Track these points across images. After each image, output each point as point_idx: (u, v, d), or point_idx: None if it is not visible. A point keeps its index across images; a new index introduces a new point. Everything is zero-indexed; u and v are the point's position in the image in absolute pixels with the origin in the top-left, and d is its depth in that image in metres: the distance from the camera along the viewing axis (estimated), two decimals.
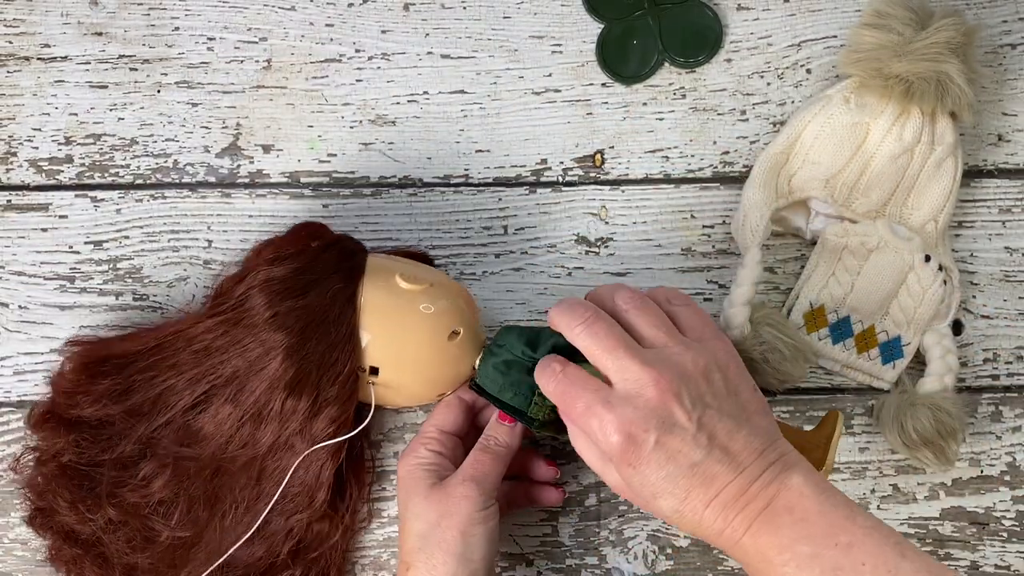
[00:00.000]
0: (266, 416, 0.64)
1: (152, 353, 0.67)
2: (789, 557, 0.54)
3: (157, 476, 0.66)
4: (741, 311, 0.69)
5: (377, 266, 0.67)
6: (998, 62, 0.77)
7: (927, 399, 0.69)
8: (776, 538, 0.55)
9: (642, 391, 0.56)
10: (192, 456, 0.66)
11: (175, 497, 0.66)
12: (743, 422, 0.57)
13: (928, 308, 0.71)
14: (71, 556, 0.67)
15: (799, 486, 0.56)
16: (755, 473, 0.56)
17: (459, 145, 0.76)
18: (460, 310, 0.66)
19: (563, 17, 0.77)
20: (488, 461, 0.64)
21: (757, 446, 0.56)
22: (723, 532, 0.56)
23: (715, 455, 0.56)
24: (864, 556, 0.53)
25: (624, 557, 0.72)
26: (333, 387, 0.64)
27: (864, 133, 0.71)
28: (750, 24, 0.77)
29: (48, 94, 0.76)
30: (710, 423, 0.56)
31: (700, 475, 0.56)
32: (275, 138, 0.76)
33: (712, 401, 0.57)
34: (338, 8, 0.77)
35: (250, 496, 0.66)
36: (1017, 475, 0.72)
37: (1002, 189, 0.76)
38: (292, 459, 0.65)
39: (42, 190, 0.75)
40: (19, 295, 0.74)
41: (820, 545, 0.54)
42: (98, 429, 0.67)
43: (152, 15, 0.77)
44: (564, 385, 0.59)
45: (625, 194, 0.75)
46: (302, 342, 0.64)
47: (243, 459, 0.65)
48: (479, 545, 0.62)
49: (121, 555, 0.66)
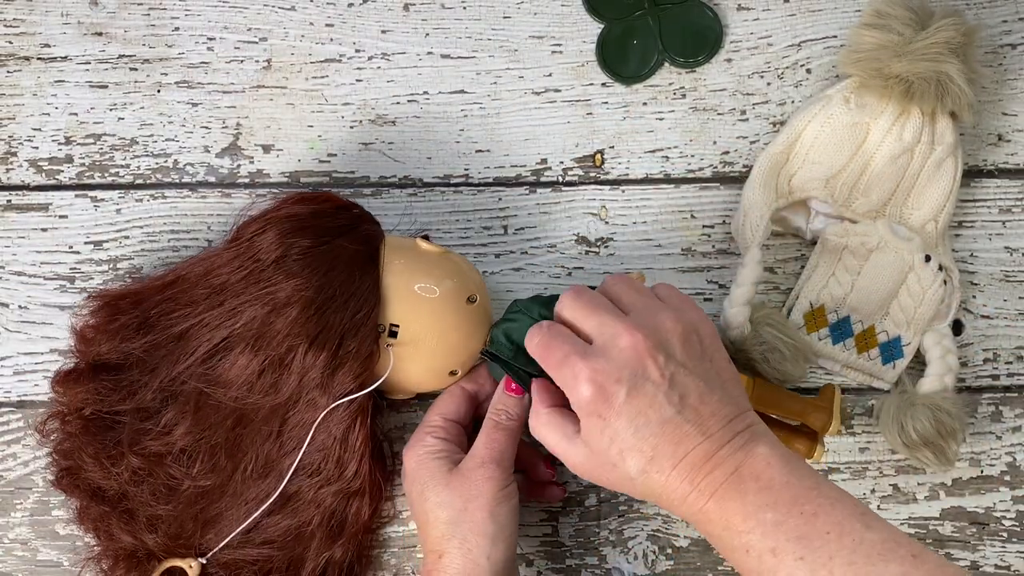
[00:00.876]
0: (287, 366, 0.64)
1: (169, 287, 0.67)
2: (754, 524, 0.54)
3: (178, 423, 0.66)
4: (741, 311, 0.69)
5: (393, 240, 0.68)
6: (998, 62, 0.77)
7: (927, 399, 0.69)
8: (741, 504, 0.54)
9: (617, 342, 0.57)
10: (213, 403, 0.65)
11: (197, 445, 0.66)
12: (715, 387, 0.57)
13: (928, 308, 0.71)
14: (98, 514, 0.68)
15: (766, 455, 0.56)
16: (724, 439, 0.56)
17: (459, 145, 0.76)
18: (475, 278, 0.68)
19: (563, 17, 0.77)
20: (502, 438, 0.64)
21: (727, 413, 0.57)
22: (687, 497, 0.56)
23: (686, 414, 0.56)
24: (829, 525, 0.53)
25: (624, 557, 0.72)
26: (355, 340, 0.64)
27: (864, 133, 0.71)
28: (750, 24, 0.77)
29: (48, 94, 0.76)
30: (682, 382, 0.56)
31: (669, 433, 0.56)
32: (275, 138, 0.76)
33: (687, 362, 0.57)
34: (338, 8, 0.77)
35: (271, 450, 0.66)
36: (1017, 475, 0.72)
37: (1002, 189, 0.76)
38: (314, 415, 0.64)
39: (42, 190, 0.75)
40: (19, 295, 0.74)
41: (785, 513, 0.54)
42: (118, 376, 0.67)
43: (152, 15, 0.77)
44: (547, 338, 0.59)
45: (625, 194, 0.75)
46: (325, 291, 0.64)
47: (264, 409, 0.65)
48: (507, 523, 0.63)
49: (145, 507, 0.66)
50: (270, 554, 0.67)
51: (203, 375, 0.66)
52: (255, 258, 0.65)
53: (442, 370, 0.67)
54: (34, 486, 0.72)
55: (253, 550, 0.67)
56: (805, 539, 0.53)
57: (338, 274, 0.64)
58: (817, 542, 0.53)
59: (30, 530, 0.71)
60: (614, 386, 0.56)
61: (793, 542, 0.53)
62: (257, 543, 0.67)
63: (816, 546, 0.53)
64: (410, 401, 0.72)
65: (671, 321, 0.58)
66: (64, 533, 0.71)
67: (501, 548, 0.62)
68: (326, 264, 0.64)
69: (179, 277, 0.68)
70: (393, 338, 0.65)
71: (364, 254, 0.66)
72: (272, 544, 0.67)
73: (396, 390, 0.68)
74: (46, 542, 0.71)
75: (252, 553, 0.67)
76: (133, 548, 0.67)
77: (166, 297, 0.67)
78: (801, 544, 0.53)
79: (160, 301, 0.67)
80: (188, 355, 0.66)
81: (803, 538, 0.53)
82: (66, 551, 0.71)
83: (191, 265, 0.68)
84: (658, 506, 0.64)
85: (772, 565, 0.53)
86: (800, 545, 0.53)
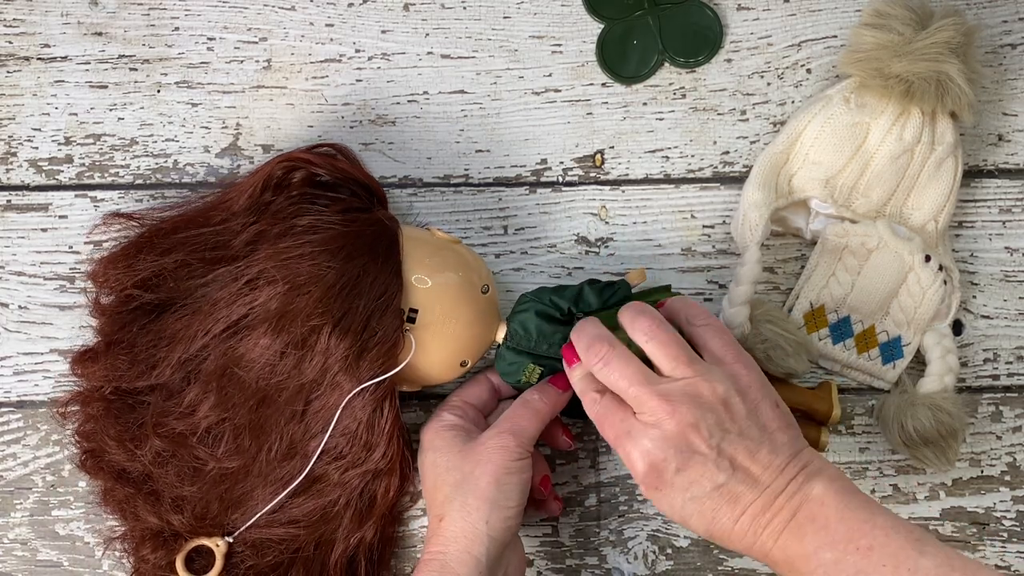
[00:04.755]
0: (310, 347, 0.64)
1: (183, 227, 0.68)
2: (815, 565, 0.56)
3: (202, 402, 0.65)
4: (741, 311, 0.69)
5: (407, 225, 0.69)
6: (998, 62, 0.77)
7: (927, 399, 0.69)
8: (801, 547, 0.57)
9: (659, 424, 0.59)
10: (236, 382, 0.65)
11: (221, 426, 0.66)
12: (763, 442, 0.59)
13: (928, 308, 0.71)
14: (123, 496, 0.67)
15: (820, 495, 0.57)
16: (778, 488, 0.58)
17: (459, 145, 0.76)
18: (486, 270, 0.69)
19: (563, 17, 0.77)
20: (527, 415, 0.65)
21: (779, 463, 0.58)
22: (754, 545, 0.58)
23: (738, 476, 0.58)
24: (884, 558, 0.55)
25: (624, 557, 0.72)
26: (380, 324, 0.64)
27: (864, 133, 0.71)
28: (750, 24, 0.77)
29: (48, 94, 0.76)
30: (729, 448, 0.58)
31: (725, 495, 0.58)
32: (275, 138, 0.76)
33: (731, 426, 0.59)
34: (338, 8, 0.77)
35: (296, 431, 0.66)
36: (1017, 475, 0.72)
37: (1002, 189, 0.76)
38: (339, 398, 0.64)
39: (42, 190, 0.75)
40: (19, 295, 0.74)
41: (842, 551, 0.56)
42: (133, 351, 0.67)
43: (152, 15, 0.77)
44: (599, 415, 0.62)
45: (625, 194, 0.75)
46: (347, 273, 0.64)
47: (288, 391, 0.65)
48: (512, 494, 0.63)
49: (171, 488, 0.66)
50: (296, 533, 0.67)
51: (224, 353, 0.65)
52: (274, 219, 0.66)
53: (455, 358, 0.67)
54: (34, 486, 0.72)
55: (279, 529, 0.67)
56: (863, 574, 0.55)
57: (361, 257, 0.64)
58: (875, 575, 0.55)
59: (30, 530, 0.71)
60: (662, 463, 0.59)
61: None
62: (283, 522, 0.67)
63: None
64: (411, 402, 0.72)
65: (710, 389, 0.59)
66: (64, 533, 0.71)
67: (501, 517, 0.62)
68: (348, 246, 0.65)
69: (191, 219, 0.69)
70: (411, 323, 0.65)
71: (385, 238, 0.66)
72: (298, 523, 0.67)
73: (406, 380, 0.68)
74: (46, 542, 0.71)
75: (279, 532, 0.67)
76: (159, 528, 0.67)
77: (179, 242, 0.67)
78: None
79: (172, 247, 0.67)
80: (205, 332, 0.65)
81: (861, 573, 0.55)
82: (66, 551, 0.71)
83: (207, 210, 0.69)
84: None
85: None
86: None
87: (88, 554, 0.71)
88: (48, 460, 0.72)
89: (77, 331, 0.73)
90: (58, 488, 0.71)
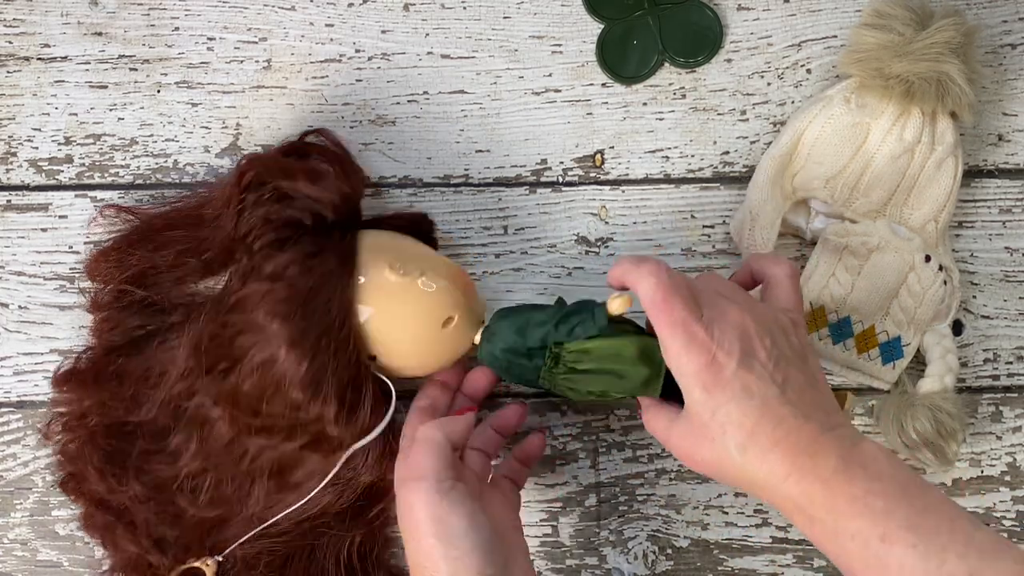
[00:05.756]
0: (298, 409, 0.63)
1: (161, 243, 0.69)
2: (862, 508, 0.53)
3: (184, 450, 0.65)
4: None
5: (369, 247, 0.66)
6: (998, 62, 0.77)
7: (927, 399, 0.69)
8: (849, 488, 0.54)
9: (728, 318, 0.58)
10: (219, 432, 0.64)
11: (202, 475, 0.66)
12: (815, 386, 0.58)
13: (928, 308, 0.71)
14: (104, 523, 0.67)
15: (873, 450, 0.56)
16: (827, 426, 0.56)
17: (459, 145, 0.76)
18: (454, 296, 0.65)
19: (563, 17, 0.77)
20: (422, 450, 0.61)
21: (828, 408, 0.58)
22: (788, 477, 0.55)
23: (788, 396, 0.56)
24: (939, 520, 0.53)
25: (624, 557, 0.72)
26: (356, 390, 0.63)
27: (865, 133, 0.71)
28: (750, 24, 0.77)
29: (48, 94, 0.76)
30: (785, 369, 0.57)
31: (771, 412, 0.56)
32: (275, 138, 0.76)
33: (789, 353, 0.58)
34: (338, 8, 0.77)
35: (282, 484, 0.66)
36: (1017, 475, 0.72)
37: (1002, 189, 0.76)
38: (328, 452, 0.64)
39: (42, 190, 0.75)
40: (19, 295, 0.74)
41: (895, 503, 0.53)
42: (120, 386, 0.67)
43: (152, 15, 0.77)
44: (667, 291, 0.58)
45: (625, 194, 0.75)
46: (309, 332, 0.62)
47: (272, 444, 0.65)
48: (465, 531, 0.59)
49: (151, 527, 0.66)
50: (288, 541, 0.67)
51: (206, 400, 0.65)
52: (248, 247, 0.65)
53: (424, 373, 0.68)
54: (34, 486, 0.72)
55: (268, 541, 0.67)
56: (917, 529, 0.52)
57: (319, 305, 0.62)
58: (930, 533, 0.52)
59: (30, 530, 0.71)
60: (725, 358, 0.56)
61: (904, 530, 0.53)
62: (273, 535, 0.67)
63: (929, 537, 0.52)
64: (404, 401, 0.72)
65: (774, 316, 0.59)
66: (64, 533, 0.71)
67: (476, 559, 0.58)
68: (304, 292, 0.62)
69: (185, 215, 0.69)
70: (373, 361, 0.65)
71: (340, 297, 0.63)
72: (289, 533, 0.67)
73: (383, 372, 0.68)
74: (46, 542, 0.71)
75: (269, 544, 0.67)
76: (140, 558, 0.67)
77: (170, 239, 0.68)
78: (913, 533, 0.52)
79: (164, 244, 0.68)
80: (188, 372, 0.65)
81: (915, 528, 0.52)
82: (66, 551, 0.71)
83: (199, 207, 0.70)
84: (751, 494, 0.63)
85: (880, 551, 0.53)
86: (912, 534, 0.52)
87: (88, 554, 0.71)
88: (48, 460, 0.72)
89: (77, 331, 0.73)
90: (58, 488, 0.71)
